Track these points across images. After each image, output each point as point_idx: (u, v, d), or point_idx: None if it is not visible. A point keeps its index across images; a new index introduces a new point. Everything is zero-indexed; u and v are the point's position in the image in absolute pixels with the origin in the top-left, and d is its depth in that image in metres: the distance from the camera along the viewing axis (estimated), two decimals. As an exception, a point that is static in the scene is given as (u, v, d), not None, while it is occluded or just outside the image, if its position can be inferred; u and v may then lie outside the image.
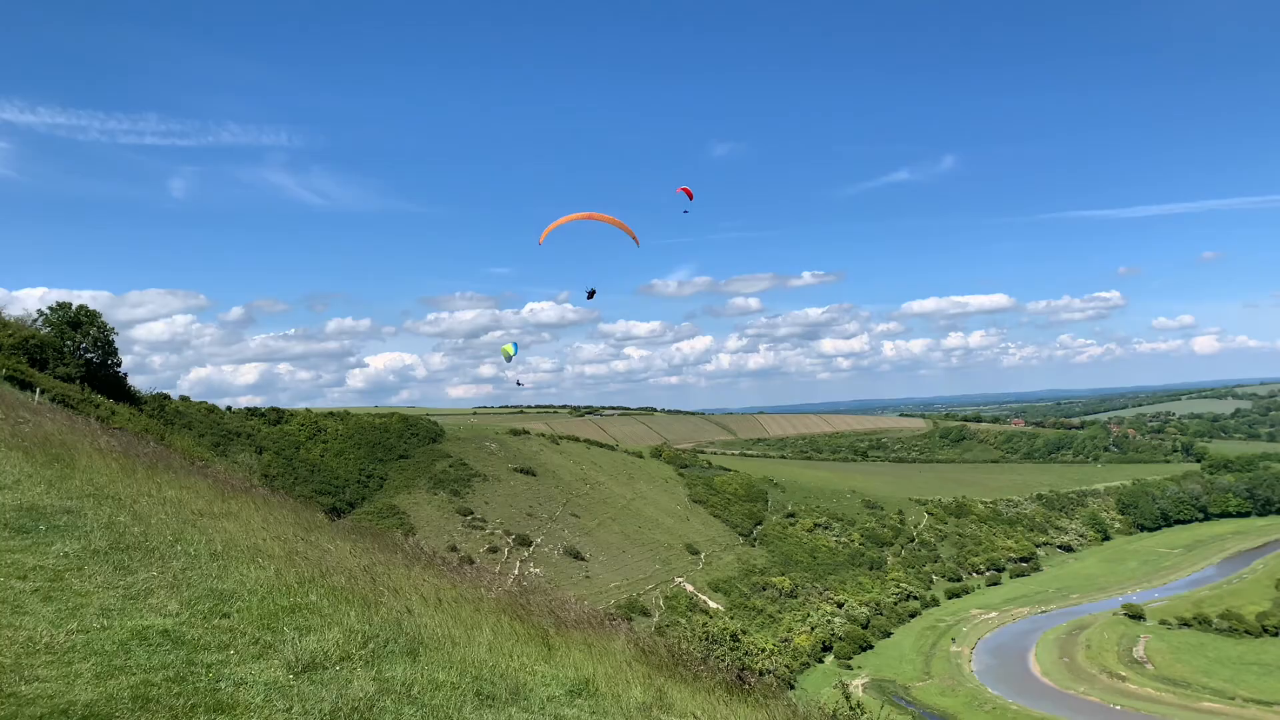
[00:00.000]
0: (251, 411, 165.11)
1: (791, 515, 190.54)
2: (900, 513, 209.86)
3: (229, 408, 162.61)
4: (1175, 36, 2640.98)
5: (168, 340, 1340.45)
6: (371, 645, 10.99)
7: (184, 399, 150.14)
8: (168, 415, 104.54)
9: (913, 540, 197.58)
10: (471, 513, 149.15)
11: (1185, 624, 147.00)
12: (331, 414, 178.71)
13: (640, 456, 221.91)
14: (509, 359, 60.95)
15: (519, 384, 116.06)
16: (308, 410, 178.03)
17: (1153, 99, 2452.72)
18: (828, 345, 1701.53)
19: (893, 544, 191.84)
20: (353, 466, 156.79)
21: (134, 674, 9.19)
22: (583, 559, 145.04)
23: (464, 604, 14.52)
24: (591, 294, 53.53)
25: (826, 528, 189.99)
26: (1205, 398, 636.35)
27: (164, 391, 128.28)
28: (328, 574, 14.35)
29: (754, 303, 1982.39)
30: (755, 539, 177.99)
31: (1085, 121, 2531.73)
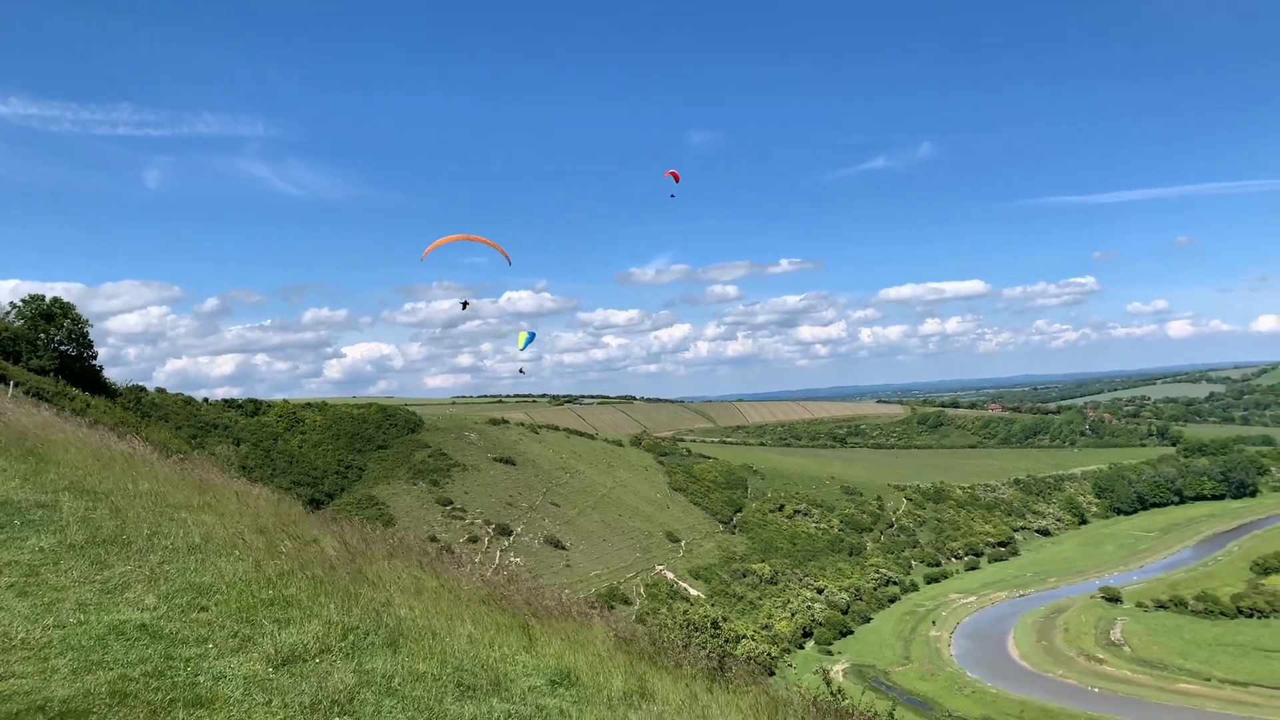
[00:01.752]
0: (229, 403, 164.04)
1: (780, 507, 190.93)
2: (879, 499, 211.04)
3: (206, 399, 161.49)
4: (1150, 27, 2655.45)
5: (143, 332, 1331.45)
6: (351, 637, 10.96)
7: (160, 391, 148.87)
8: (144, 408, 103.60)
9: (892, 526, 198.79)
10: (451, 503, 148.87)
11: (1161, 606, 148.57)
12: (309, 405, 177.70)
13: (620, 445, 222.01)
14: (522, 347, 61.53)
15: (521, 371, 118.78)
16: (285, 401, 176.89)
17: (1127, 87, 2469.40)
18: (806, 332, 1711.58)
19: (872, 530, 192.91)
20: (331, 457, 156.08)
21: (111, 669, 9.13)
22: (563, 548, 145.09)
23: (444, 595, 14.49)
24: (465, 305, 58.56)
25: (806, 514, 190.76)
26: (1180, 382, 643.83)
27: (140, 384, 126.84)
28: (307, 566, 14.29)
29: (732, 290, 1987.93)
30: (735, 526, 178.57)
31: (1061, 109, 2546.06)
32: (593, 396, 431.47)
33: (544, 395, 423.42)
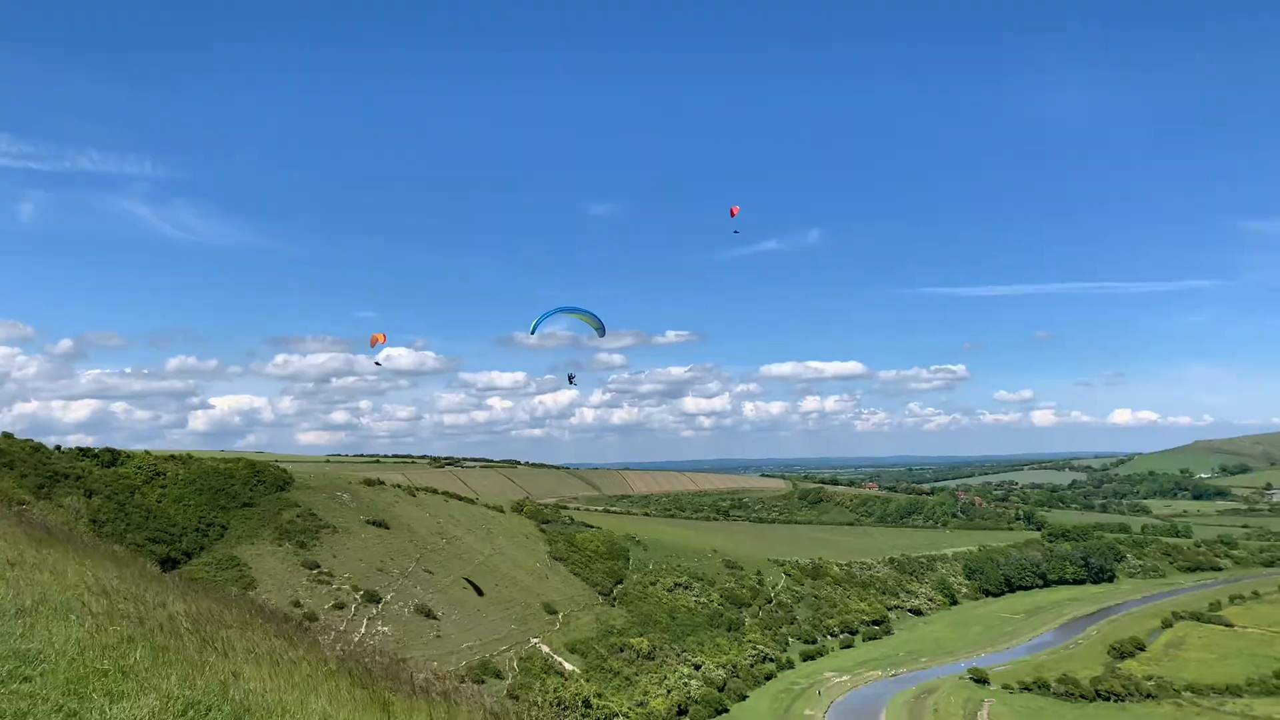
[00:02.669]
0: (83, 451, 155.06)
1: (669, 583, 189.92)
2: (759, 573, 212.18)
3: (58, 447, 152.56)
4: (1007, 140, 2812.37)
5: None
6: (191, 714, 10.00)
7: (6, 435, 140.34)
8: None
9: (770, 601, 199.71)
10: (318, 566, 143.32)
11: (1026, 688, 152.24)
12: (173, 457, 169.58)
13: (501, 511, 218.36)
14: (532, 330, 61.54)
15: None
16: (146, 452, 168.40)
17: (991, 190, 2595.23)
18: (690, 404, 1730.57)
19: (751, 605, 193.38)
20: (193, 514, 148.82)
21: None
22: (434, 617, 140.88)
23: (300, 666, 13.52)
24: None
25: (687, 587, 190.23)
26: (1045, 468, 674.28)
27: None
28: (151, 633, 13.17)
29: (618, 359, 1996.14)
30: (615, 598, 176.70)
31: (935, 207, 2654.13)
32: (475, 459, 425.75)
33: (424, 456, 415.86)
